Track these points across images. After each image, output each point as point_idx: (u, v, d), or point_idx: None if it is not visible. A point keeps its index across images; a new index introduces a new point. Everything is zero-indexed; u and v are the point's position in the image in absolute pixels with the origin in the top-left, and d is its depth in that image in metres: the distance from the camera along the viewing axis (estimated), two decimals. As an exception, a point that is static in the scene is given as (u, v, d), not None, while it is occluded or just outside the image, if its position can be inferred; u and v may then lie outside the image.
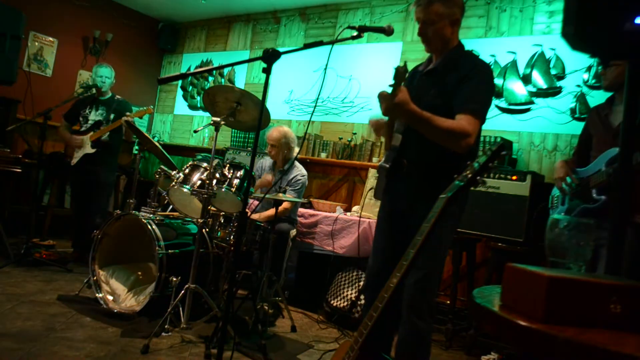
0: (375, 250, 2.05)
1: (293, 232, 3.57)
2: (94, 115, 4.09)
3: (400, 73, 1.70)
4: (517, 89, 3.90)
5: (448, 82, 1.85)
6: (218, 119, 2.74)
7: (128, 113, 3.82)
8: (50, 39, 5.44)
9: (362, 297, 3.40)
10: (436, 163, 1.84)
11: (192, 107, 6.30)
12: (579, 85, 3.63)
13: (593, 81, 3.56)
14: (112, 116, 4.06)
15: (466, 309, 3.53)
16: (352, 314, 3.37)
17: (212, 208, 3.02)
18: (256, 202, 3.69)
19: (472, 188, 1.40)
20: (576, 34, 0.99)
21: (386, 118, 1.93)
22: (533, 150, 3.80)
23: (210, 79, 6.18)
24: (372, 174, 4.10)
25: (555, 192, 2.51)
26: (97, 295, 2.98)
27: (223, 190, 2.86)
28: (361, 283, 3.48)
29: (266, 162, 3.84)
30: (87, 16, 5.77)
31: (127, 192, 5.30)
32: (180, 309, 2.76)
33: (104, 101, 4.13)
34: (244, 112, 2.84)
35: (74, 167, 4.03)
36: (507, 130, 3.90)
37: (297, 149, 3.73)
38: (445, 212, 1.37)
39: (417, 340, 1.83)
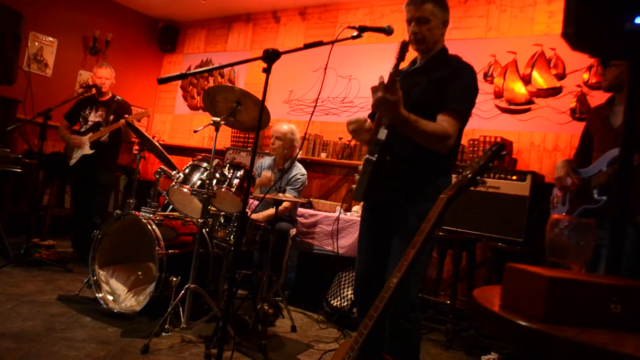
0: (361, 253, 2.02)
1: (293, 231, 3.57)
2: (93, 116, 4.09)
3: (404, 47, 1.72)
4: (517, 89, 3.90)
5: (434, 79, 1.87)
6: (218, 119, 2.74)
7: (126, 115, 3.82)
8: (50, 39, 5.44)
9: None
10: (422, 158, 1.84)
11: (192, 107, 6.30)
12: (579, 85, 3.63)
13: (593, 81, 3.56)
14: (111, 117, 4.06)
15: (466, 309, 3.53)
16: (352, 314, 3.37)
17: (212, 208, 3.03)
18: (256, 202, 3.69)
19: (472, 188, 1.40)
20: (576, 34, 0.99)
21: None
22: (533, 150, 3.80)
23: (210, 78, 6.18)
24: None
25: (557, 192, 2.51)
26: (97, 295, 2.98)
27: (223, 190, 2.86)
28: (361, 283, 3.48)
29: (265, 162, 3.83)
30: (87, 16, 5.77)
31: (127, 192, 5.30)
32: (180, 309, 2.75)
33: (103, 102, 4.13)
34: (244, 112, 2.84)
35: (73, 168, 4.03)
36: (507, 130, 3.90)
37: (298, 149, 3.72)
38: (445, 212, 1.37)
39: (404, 341, 1.80)
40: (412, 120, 1.71)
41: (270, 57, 1.69)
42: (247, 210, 2.08)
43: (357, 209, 4.01)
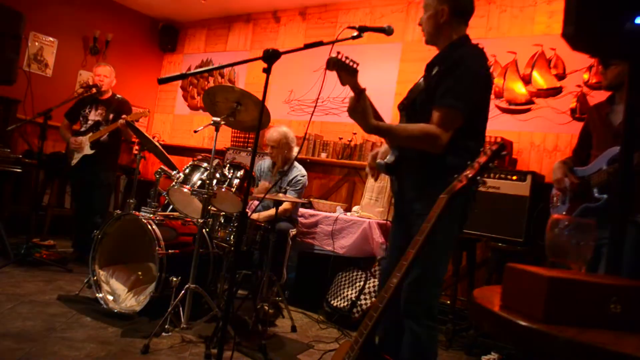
0: (389, 251, 2.06)
1: (293, 231, 3.56)
2: (93, 115, 4.09)
3: (331, 63, 1.71)
4: (517, 89, 3.90)
5: (433, 76, 1.80)
6: (218, 119, 2.74)
7: (124, 115, 3.81)
8: (50, 39, 5.43)
9: (362, 297, 3.41)
10: (428, 160, 1.79)
11: (192, 107, 6.30)
12: (579, 85, 3.63)
13: (593, 81, 3.56)
14: (111, 116, 4.06)
15: (466, 309, 3.53)
16: (352, 314, 3.37)
17: (212, 208, 3.02)
18: (256, 203, 3.69)
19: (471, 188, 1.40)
20: (576, 34, 0.99)
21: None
22: (533, 150, 3.80)
23: (210, 79, 6.18)
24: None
25: (556, 191, 2.51)
26: (97, 295, 2.98)
27: (223, 190, 2.86)
28: (361, 283, 3.48)
29: (265, 162, 3.83)
30: (87, 16, 5.77)
31: (127, 192, 5.31)
32: (180, 309, 2.76)
33: (103, 101, 4.13)
34: (244, 112, 2.84)
35: (73, 168, 4.03)
36: (507, 130, 3.89)
37: (296, 149, 3.72)
38: (445, 212, 1.37)
39: (417, 347, 1.73)
40: (384, 128, 1.70)
41: (270, 57, 1.69)
42: (247, 210, 2.09)
43: (356, 209, 4.01)
